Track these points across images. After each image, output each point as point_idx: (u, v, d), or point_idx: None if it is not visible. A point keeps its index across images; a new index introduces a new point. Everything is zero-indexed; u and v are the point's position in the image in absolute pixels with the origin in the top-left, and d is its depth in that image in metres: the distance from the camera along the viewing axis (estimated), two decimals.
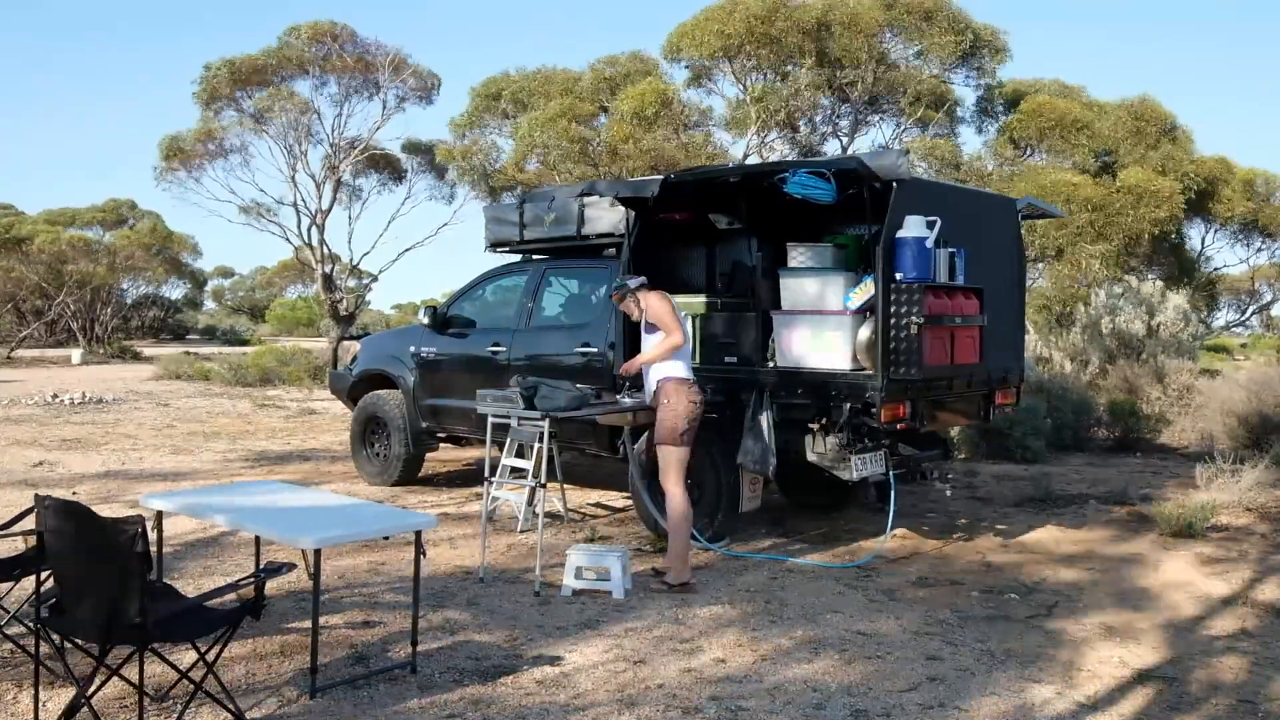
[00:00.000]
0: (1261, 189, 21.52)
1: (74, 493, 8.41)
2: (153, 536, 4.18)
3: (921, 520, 7.72)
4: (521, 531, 7.15)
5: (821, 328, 6.46)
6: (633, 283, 6.16)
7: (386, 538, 5.90)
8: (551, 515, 7.50)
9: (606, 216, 7.82)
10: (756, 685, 4.30)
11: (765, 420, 6.37)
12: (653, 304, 6.00)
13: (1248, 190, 21.21)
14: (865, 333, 6.28)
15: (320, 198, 22.39)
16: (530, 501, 6.90)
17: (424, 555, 4.63)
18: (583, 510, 8.04)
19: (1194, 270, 21.88)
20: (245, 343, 38.74)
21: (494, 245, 8.80)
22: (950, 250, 6.30)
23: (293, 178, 22.18)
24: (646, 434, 7.12)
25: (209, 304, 60.78)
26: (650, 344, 6.01)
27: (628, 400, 6.61)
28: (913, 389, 6.22)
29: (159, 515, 4.85)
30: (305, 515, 4.69)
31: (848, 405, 6.20)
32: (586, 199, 7.91)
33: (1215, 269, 24.81)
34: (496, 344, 8.21)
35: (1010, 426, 10.36)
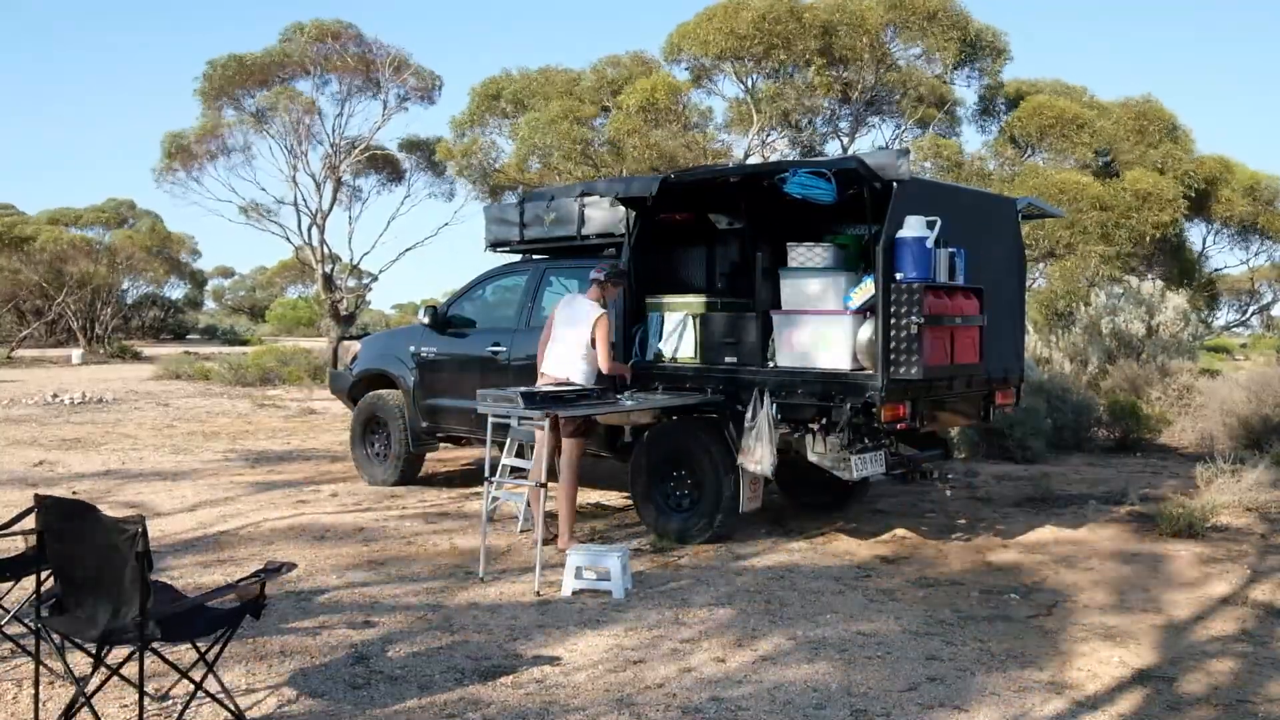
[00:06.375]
0: (1263, 194, 21.51)
1: (74, 492, 8.41)
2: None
3: (921, 520, 7.72)
4: (521, 531, 7.15)
5: (822, 328, 6.46)
6: None
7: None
8: (551, 515, 7.49)
9: (606, 216, 7.82)
10: (756, 685, 4.30)
11: (765, 420, 6.37)
12: None
13: (1249, 194, 21.21)
14: (865, 333, 6.28)
15: (320, 197, 22.41)
16: (530, 502, 6.90)
17: None
18: (583, 510, 8.03)
19: (1194, 271, 21.88)
20: (245, 342, 38.74)
21: (494, 245, 8.80)
22: (950, 250, 6.30)
23: (293, 177, 22.20)
24: (647, 433, 7.13)
25: (209, 304, 60.84)
26: None
27: (628, 401, 6.61)
28: (913, 389, 6.23)
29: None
30: None
31: (848, 405, 6.19)
32: (586, 199, 7.92)
33: (1216, 270, 24.81)
34: (496, 344, 8.22)
35: (1010, 426, 10.35)
